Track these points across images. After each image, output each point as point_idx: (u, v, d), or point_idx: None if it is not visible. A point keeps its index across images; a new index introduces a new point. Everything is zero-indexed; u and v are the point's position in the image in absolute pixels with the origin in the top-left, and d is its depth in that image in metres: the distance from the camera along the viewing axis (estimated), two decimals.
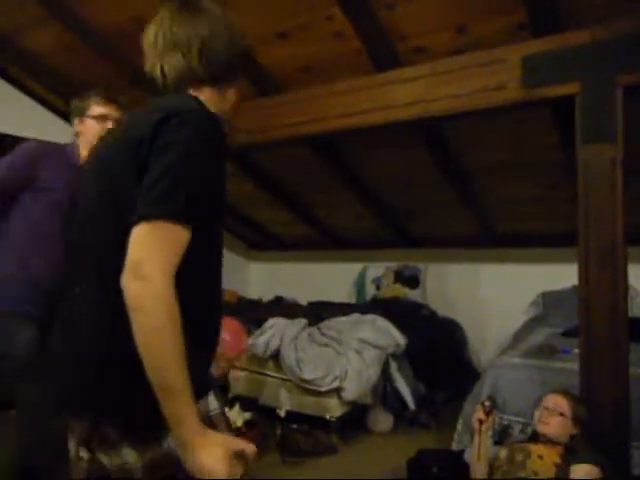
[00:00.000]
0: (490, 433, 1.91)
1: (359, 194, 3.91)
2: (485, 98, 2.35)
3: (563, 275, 3.25)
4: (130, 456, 0.93)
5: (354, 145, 3.37)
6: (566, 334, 3.04)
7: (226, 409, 2.79)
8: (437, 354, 3.59)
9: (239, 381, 3.21)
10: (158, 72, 1.06)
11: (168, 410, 0.82)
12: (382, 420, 3.07)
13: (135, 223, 0.85)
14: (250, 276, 5.50)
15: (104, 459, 0.95)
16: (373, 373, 2.90)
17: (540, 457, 1.83)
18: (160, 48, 1.05)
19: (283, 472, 2.68)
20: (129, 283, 0.83)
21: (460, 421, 2.67)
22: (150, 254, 0.84)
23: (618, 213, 2.00)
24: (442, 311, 4.09)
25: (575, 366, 2.20)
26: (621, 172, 1.99)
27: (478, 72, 2.37)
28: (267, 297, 4.97)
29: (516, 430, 2.39)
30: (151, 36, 1.06)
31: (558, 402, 1.95)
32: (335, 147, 3.46)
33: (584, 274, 2.06)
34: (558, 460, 1.79)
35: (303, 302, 4.66)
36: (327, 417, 2.93)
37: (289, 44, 2.68)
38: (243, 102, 3.25)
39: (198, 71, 1.04)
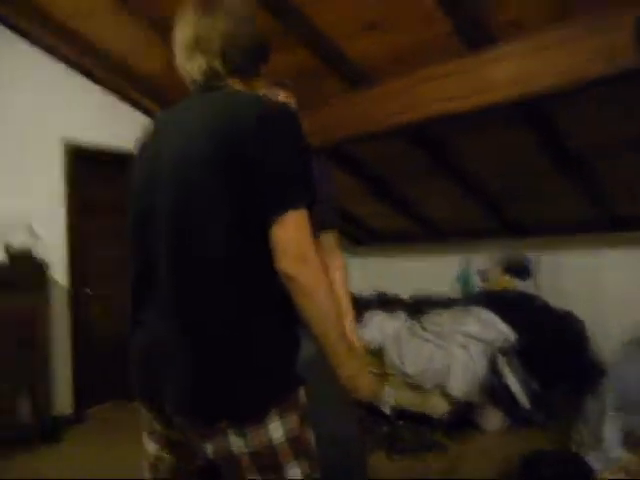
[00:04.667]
0: None
1: (459, 182, 3.75)
2: (593, 69, 2.13)
3: None
4: (236, 443, 0.94)
5: (451, 132, 3.23)
6: None
7: None
8: (553, 348, 3.33)
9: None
10: (186, 72, 1.11)
11: (337, 356, 1.02)
12: (492, 418, 2.92)
13: (284, 212, 0.94)
14: (351, 271, 5.48)
15: (208, 448, 0.97)
16: (480, 369, 2.77)
17: None
18: (187, 48, 1.09)
19: (389, 468, 2.65)
20: (300, 269, 0.94)
21: (580, 421, 2.46)
22: (307, 240, 0.96)
23: None
24: (557, 303, 3.79)
25: None
26: None
27: (583, 41, 2.15)
28: (368, 292, 4.93)
29: None
30: (179, 37, 1.11)
31: None
32: (431, 135, 3.34)
33: None
34: None
35: (405, 297, 4.57)
36: (433, 415, 2.85)
37: (377, 34, 2.64)
38: (335, 98, 3.27)
39: (225, 66, 1.09)
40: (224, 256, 0.97)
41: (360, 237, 5.32)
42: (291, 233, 0.95)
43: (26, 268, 3.20)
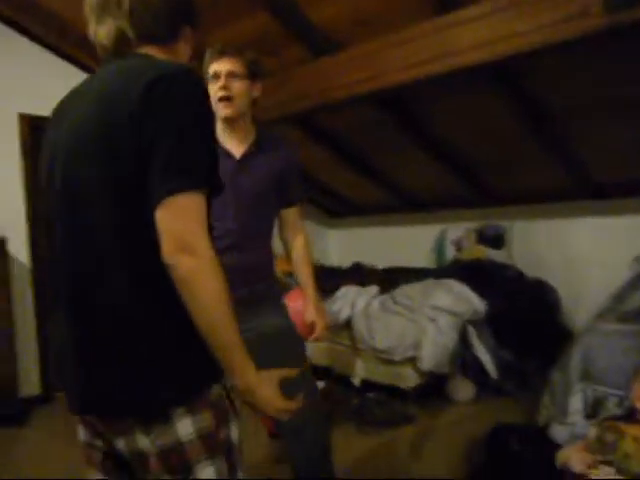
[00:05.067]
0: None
1: (432, 151, 3.67)
2: (561, 30, 2.04)
3: None
4: (142, 442, 0.89)
5: (422, 98, 3.13)
6: None
7: None
8: (525, 318, 3.33)
9: (313, 350, 3.20)
10: (97, 38, 1.00)
11: (230, 364, 0.90)
12: (463, 389, 2.93)
13: (167, 196, 0.84)
14: (329, 244, 5.45)
15: (120, 443, 0.93)
16: (449, 341, 2.75)
17: (635, 439, 1.61)
18: (95, 12, 0.99)
19: (358, 441, 2.64)
20: (182, 259, 0.83)
21: (547, 392, 2.46)
22: (192, 227, 0.84)
23: None
24: (531, 272, 3.79)
25: None
26: None
27: (551, 2, 2.06)
28: (347, 264, 4.90)
29: (611, 403, 2.15)
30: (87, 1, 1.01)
31: None
32: (402, 102, 3.24)
33: None
34: None
35: (382, 267, 4.55)
36: (403, 387, 2.84)
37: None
38: (300, 65, 3.15)
39: (135, 30, 0.97)
40: (111, 240, 0.89)
41: (337, 209, 5.25)
42: (175, 219, 0.84)
43: None
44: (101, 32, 0.99)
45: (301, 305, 1.92)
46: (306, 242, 1.89)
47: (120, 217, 0.89)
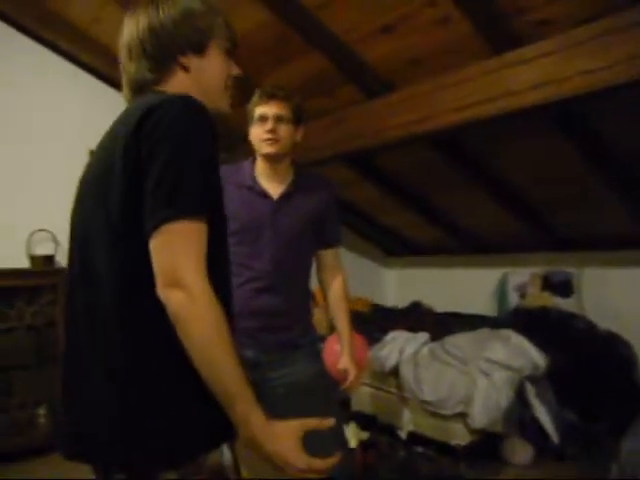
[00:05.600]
0: None
1: (492, 191, 3.52)
2: (629, 69, 1.90)
3: None
4: None
5: (479, 138, 3.03)
6: None
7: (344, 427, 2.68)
8: (594, 375, 3.04)
9: (360, 397, 3.08)
10: (125, 83, 1.01)
11: (231, 411, 0.81)
12: (519, 451, 2.69)
13: (154, 229, 0.80)
14: (386, 283, 5.33)
15: None
16: (504, 398, 2.54)
17: None
18: (126, 53, 1.00)
19: None
20: (170, 294, 0.79)
21: (616, 462, 2.20)
22: (183, 259, 0.80)
23: None
24: (602, 324, 3.48)
25: None
26: None
27: (617, 39, 1.92)
28: (402, 305, 4.76)
29: None
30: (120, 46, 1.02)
31: None
32: (458, 142, 3.15)
33: None
34: None
35: (439, 310, 4.37)
36: (453, 444, 2.65)
37: (394, 38, 2.49)
38: (353, 105, 3.14)
39: (146, 64, 0.97)
40: (114, 279, 0.86)
41: (394, 248, 5.14)
42: (163, 250, 0.80)
43: (49, 277, 3.24)
44: (128, 72, 1.01)
45: (337, 350, 1.85)
46: (344, 285, 1.84)
47: (115, 258, 0.87)
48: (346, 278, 1.87)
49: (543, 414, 2.61)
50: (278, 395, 1.63)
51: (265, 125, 1.70)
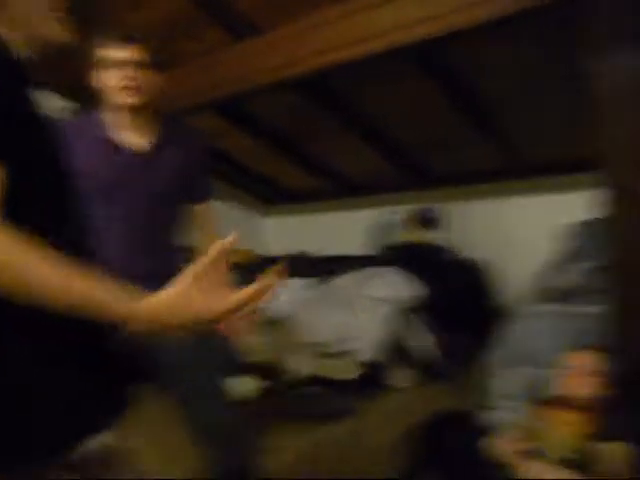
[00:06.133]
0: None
1: (364, 134, 3.60)
2: (476, 13, 1.99)
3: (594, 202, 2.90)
4: None
5: (347, 82, 3.04)
6: (600, 270, 2.74)
7: (238, 380, 2.69)
8: (461, 300, 3.35)
9: (252, 346, 3.09)
10: None
11: (116, 320, 0.73)
12: (403, 377, 2.91)
13: None
14: (265, 233, 5.33)
15: None
16: (387, 330, 2.72)
17: (563, 424, 1.61)
18: None
19: (299, 437, 2.57)
20: None
21: (480, 375, 2.47)
22: None
23: None
24: (467, 252, 3.82)
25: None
26: None
27: None
28: (284, 253, 4.80)
29: (542, 384, 2.17)
30: None
31: (586, 359, 1.72)
32: (326, 85, 3.14)
33: (619, 204, 1.76)
34: (583, 429, 1.57)
35: (321, 254, 4.48)
36: (342, 379, 2.78)
37: None
38: (219, 51, 2.97)
39: None
40: None
41: (271, 196, 5.12)
42: None
43: None
44: None
45: None
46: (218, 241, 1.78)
47: None
48: (220, 233, 1.81)
49: (422, 340, 2.83)
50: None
51: (123, 71, 1.53)
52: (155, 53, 1.60)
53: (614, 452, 1.46)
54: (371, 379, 2.88)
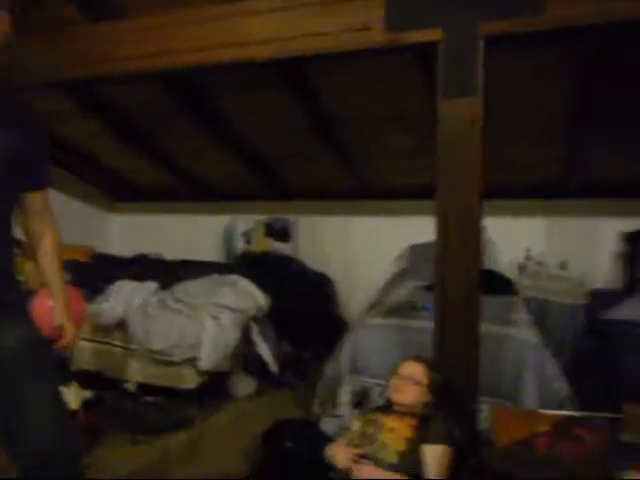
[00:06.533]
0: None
1: (222, 139, 3.56)
2: (348, 39, 2.11)
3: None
4: None
5: (213, 84, 3.00)
6: (431, 288, 3.04)
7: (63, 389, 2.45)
8: (305, 311, 3.47)
9: (81, 353, 2.85)
10: None
11: None
12: (244, 385, 2.92)
13: None
14: (111, 230, 4.98)
15: None
16: (231, 339, 2.70)
17: (391, 430, 1.75)
18: None
19: (133, 451, 2.43)
20: None
21: (320, 384, 2.57)
22: None
23: (476, 171, 1.92)
24: (314, 265, 3.98)
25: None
26: (480, 129, 1.88)
27: (340, 9, 2.11)
28: (129, 252, 4.52)
29: (375, 393, 2.34)
30: None
31: (413, 369, 1.88)
32: (192, 85, 3.06)
33: (441, 231, 1.99)
34: (410, 434, 1.72)
35: (168, 258, 4.31)
36: (183, 388, 2.70)
37: None
38: (72, 27, 2.73)
39: None
40: None
41: (120, 193, 4.81)
42: None
43: None
44: None
45: (50, 306, 1.65)
46: (55, 233, 1.60)
47: None
48: (57, 224, 1.64)
49: (264, 349, 2.86)
50: None
51: None
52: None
53: (434, 454, 1.63)
54: (212, 388, 2.84)
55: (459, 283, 1.97)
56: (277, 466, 2.06)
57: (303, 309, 3.38)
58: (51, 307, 1.61)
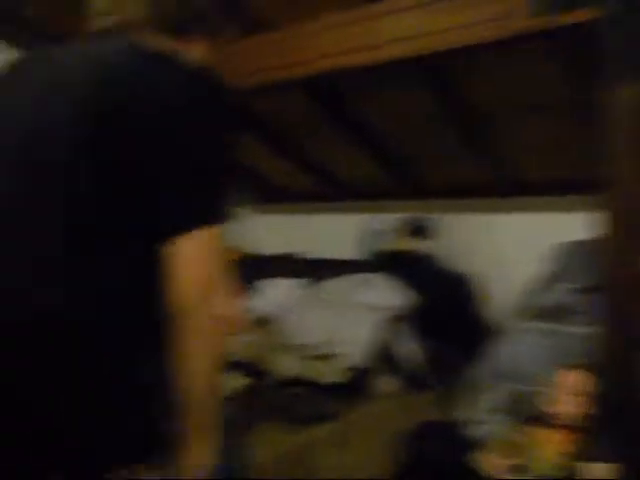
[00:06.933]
0: None
1: (363, 140, 3.62)
2: (492, 29, 2.02)
3: (585, 224, 2.96)
4: None
5: (352, 86, 3.06)
6: (585, 290, 2.79)
7: (224, 376, 2.69)
8: (449, 311, 3.39)
9: (239, 346, 3.09)
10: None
11: (197, 424, 0.80)
12: (387, 384, 2.93)
13: (191, 227, 0.69)
14: (257, 231, 5.32)
15: None
16: (374, 337, 2.74)
17: (545, 442, 1.65)
18: None
19: (282, 438, 2.58)
20: (197, 306, 0.72)
21: (467, 388, 2.50)
22: (211, 270, 0.75)
23: None
24: (456, 265, 3.86)
25: (592, 330, 1.98)
26: None
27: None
28: (275, 252, 4.80)
29: (525, 400, 2.21)
30: None
31: (570, 378, 1.75)
32: (331, 88, 3.15)
33: (611, 228, 1.79)
34: (566, 448, 1.61)
35: (311, 256, 4.48)
36: (328, 382, 2.80)
37: None
38: (227, 44, 2.96)
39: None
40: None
41: (265, 195, 5.12)
42: (202, 255, 0.72)
43: None
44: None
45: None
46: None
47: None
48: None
49: (407, 349, 2.85)
50: None
51: None
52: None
53: (598, 473, 1.50)
54: (356, 384, 2.90)
55: (629, 285, 1.77)
56: (420, 469, 2.04)
57: (446, 310, 3.30)
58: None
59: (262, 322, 3.00)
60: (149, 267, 0.71)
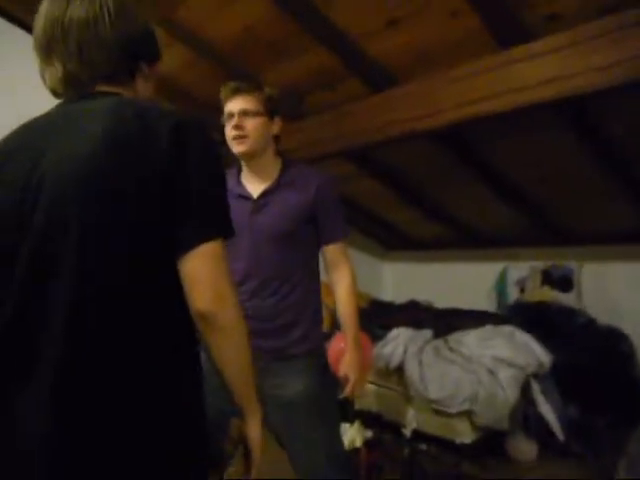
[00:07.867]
0: None
1: (494, 186, 3.50)
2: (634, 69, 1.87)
3: None
4: None
5: (483, 133, 2.99)
6: None
7: (346, 426, 2.66)
8: (596, 371, 3.05)
9: (364, 394, 3.06)
10: (46, 82, 0.95)
11: (249, 405, 0.98)
12: (524, 448, 2.69)
13: (197, 244, 0.83)
14: (384, 277, 5.31)
15: None
16: (509, 396, 2.54)
17: None
18: (40, 53, 0.94)
19: None
20: (215, 305, 0.84)
21: (624, 457, 2.20)
22: (223, 274, 0.86)
23: None
24: (602, 318, 3.49)
25: None
26: None
27: (632, 33, 1.89)
28: (401, 299, 4.74)
29: None
30: (33, 34, 0.94)
31: None
32: (462, 137, 3.11)
33: None
34: None
35: (439, 305, 4.35)
36: (457, 441, 2.64)
37: (401, 32, 2.43)
38: (356, 101, 3.08)
39: (87, 72, 0.90)
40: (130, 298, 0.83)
41: (394, 242, 5.12)
42: (209, 267, 0.84)
43: None
44: (49, 76, 0.91)
45: (342, 349, 1.81)
46: (349, 282, 1.75)
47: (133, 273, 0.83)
48: (353, 275, 1.79)
49: (547, 411, 2.61)
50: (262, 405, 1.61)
51: (232, 121, 1.63)
52: (266, 100, 1.68)
53: None
54: (489, 446, 2.70)
55: None
56: None
57: (594, 369, 2.98)
58: (343, 349, 1.79)
59: (390, 371, 2.94)
60: (179, 286, 0.85)
